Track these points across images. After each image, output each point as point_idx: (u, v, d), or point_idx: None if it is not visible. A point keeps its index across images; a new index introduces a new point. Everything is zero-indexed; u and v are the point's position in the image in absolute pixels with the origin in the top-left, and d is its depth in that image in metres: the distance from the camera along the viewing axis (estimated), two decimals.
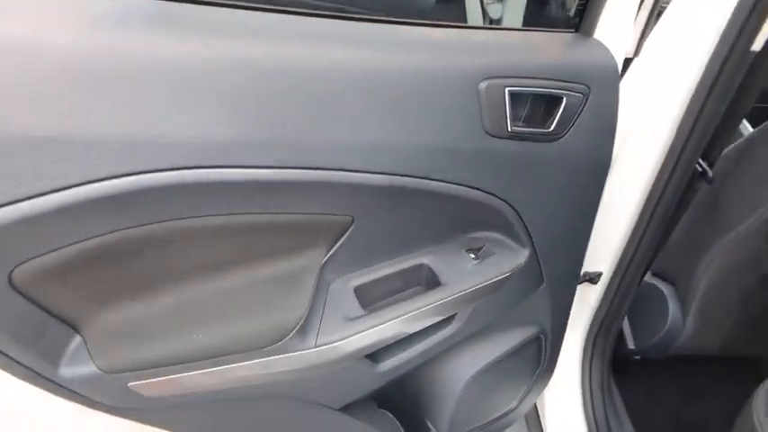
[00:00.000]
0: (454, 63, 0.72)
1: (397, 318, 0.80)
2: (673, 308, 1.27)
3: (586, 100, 0.81)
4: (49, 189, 0.54)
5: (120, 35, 0.55)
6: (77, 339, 0.69)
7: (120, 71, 0.54)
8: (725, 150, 1.16)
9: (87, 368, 0.68)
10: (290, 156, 0.64)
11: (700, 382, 1.52)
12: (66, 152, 0.53)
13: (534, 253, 0.92)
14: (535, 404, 1.41)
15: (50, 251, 0.59)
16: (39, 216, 0.54)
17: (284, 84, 0.62)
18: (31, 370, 0.64)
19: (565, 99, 0.79)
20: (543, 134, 0.80)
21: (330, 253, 0.80)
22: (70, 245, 0.59)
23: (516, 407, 1.16)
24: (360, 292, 0.85)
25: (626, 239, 1.16)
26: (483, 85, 0.73)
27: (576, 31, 0.86)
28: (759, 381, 1.03)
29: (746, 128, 1.63)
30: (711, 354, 1.34)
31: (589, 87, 0.80)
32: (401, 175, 0.73)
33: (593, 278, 1.28)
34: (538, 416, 1.49)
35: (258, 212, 0.68)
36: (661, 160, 1.03)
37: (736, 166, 1.13)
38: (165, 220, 0.63)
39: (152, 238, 0.64)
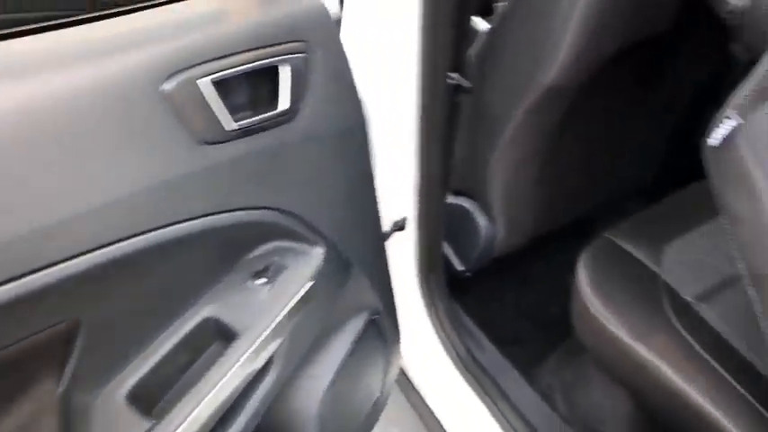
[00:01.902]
0: (114, 70, 0.51)
1: (194, 410, 0.61)
2: (481, 220, 1.27)
3: (310, 57, 0.65)
4: None
5: None
6: None
7: None
8: (468, 53, 1.13)
9: None
10: None
11: (531, 270, 1.60)
12: None
13: (330, 244, 0.78)
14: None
15: None
16: None
17: None
18: None
19: (289, 66, 0.63)
20: (277, 116, 0.63)
21: (68, 375, 0.56)
22: None
23: (382, 392, 1.07)
24: (135, 397, 0.63)
25: (416, 175, 1.09)
26: (167, 86, 0.53)
27: None
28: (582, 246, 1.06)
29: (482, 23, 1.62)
30: (529, 243, 1.39)
31: (307, 42, 0.65)
32: (126, 239, 0.52)
33: (401, 226, 1.22)
34: (406, 375, 1.45)
35: None
36: (416, 88, 0.96)
37: (484, 67, 1.10)
38: None
39: None
